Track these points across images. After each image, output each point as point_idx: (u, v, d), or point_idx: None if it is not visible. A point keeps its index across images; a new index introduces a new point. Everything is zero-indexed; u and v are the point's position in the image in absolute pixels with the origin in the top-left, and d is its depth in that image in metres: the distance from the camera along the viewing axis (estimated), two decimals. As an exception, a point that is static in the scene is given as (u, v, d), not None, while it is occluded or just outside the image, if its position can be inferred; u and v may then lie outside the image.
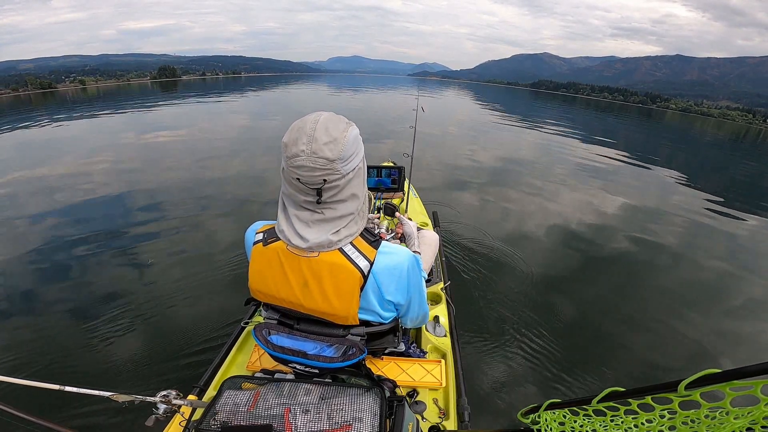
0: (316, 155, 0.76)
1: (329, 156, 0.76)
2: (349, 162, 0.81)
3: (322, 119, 0.79)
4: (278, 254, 0.87)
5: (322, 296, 0.86)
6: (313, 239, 0.83)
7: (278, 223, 0.89)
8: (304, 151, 0.76)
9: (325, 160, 0.76)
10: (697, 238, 4.88)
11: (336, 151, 0.77)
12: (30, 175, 6.30)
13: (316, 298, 0.87)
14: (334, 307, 0.87)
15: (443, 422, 1.24)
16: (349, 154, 0.80)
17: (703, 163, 12.92)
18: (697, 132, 31.19)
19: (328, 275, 0.85)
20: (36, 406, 1.81)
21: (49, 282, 3.13)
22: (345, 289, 0.86)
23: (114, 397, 0.95)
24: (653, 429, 0.63)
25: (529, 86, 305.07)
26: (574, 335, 2.66)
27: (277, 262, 0.87)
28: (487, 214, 4.91)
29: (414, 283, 0.96)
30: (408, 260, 0.92)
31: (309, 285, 0.86)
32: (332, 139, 0.77)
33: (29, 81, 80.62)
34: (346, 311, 0.88)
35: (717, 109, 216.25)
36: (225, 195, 5.21)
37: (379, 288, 0.89)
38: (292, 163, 0.78)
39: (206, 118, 14.78)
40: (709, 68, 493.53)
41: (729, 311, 3.25)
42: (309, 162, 0.76)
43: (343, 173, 0.80)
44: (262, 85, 46.59)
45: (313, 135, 0.76)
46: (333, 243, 0.84)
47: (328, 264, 0.84)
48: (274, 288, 0.90)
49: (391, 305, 0.94)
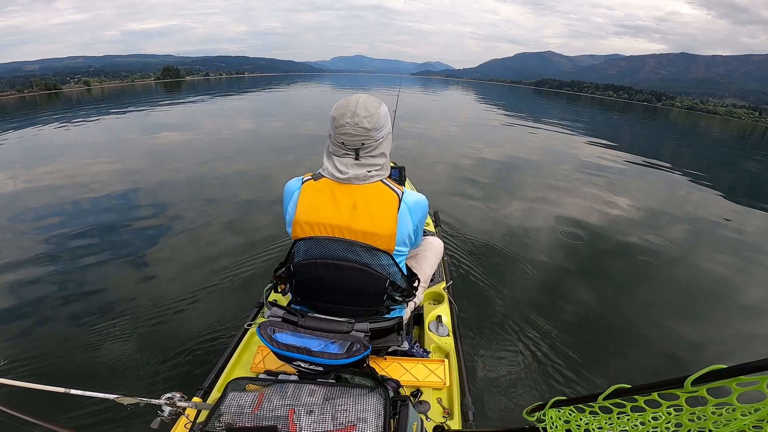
0: (358, 125, 1.02)
1: (367, 126, 1.03)
2: (381, 131, 1.07)
3: (362, 99, 1.05)
4: (330, 185, 1.07)
5: (369, 216, 1.04)
6: (352, 173, 1.06)
7: (323, 166, 1.11)
8: (348, 123, 1.02)
9: (364, 129, 1.03)
10: (703, 236, 4.85)
11: (372, 122, 1.03)
12: (34, 177, 6.33)
13: (364, 218, 1.04)
14: (378, 225, 1.04)
15: (447, 422, 1.24)
16: (381, 124, 1.06)
17: (709, 161, 12.82)
18: (702, 130, 30.97)
19: (373, 197, 1.06)
20: (41, 408, 1.82)
21: (54, 284, 3.12)
22: (387, 208, 1.06)
23: (119, 400, 0.96)
24: (659, 425, 0.63)
25: (533, 85, 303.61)
26: (579, 333, 2.65)
27: (329, 191, 1.07)
28: (490, 213, 4.90)
29: (424, 216, 1.18)
30: (426, 200, 1.17)
31: (357, 206, 1.05)
32: (369, 114, 1.03)
33: (35, 82, 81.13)
34: (388, 229, 1.05)
35: (723, 107, 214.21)
36: (231, 197, 5.21)
37: (410, 211, 1.09)
38: (339, 131, 1.04)
39: (211, 118, 14.83)
40: (715, 66, 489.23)
41: (736, 309, 3.22)
42: (352, 130, 1.03)
43: (376, 138, 1.06)
44: (266, 86, 46.64)
45: (355, 111, 1.02)
46: (368, 177, 1.07)
47: (374, 188, 1.07)
48: (324, 214, 1.05)
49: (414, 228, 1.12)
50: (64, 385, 0.98)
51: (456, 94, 46.04)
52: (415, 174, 5.65)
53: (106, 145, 8.93)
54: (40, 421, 0.91)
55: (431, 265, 1.57)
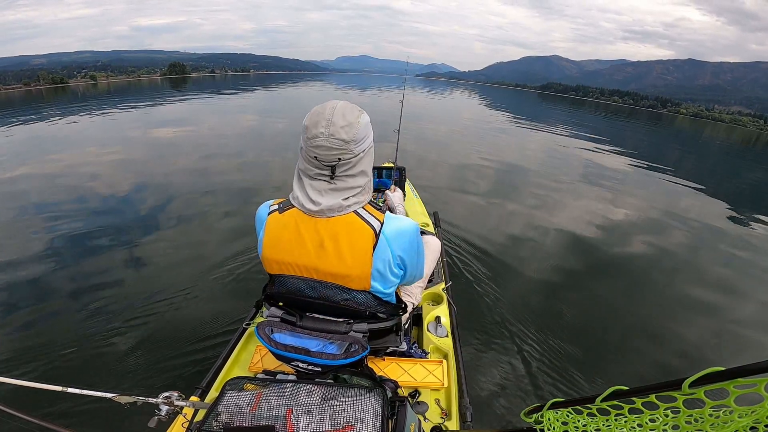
0: (334, 137, 0.86)
1: (345, 137, 0.87)
2: (361, 143, 0.91)
3: (339, 106, 0.89)
4: (294, 219, 0.94)
5: (338, 256, 0.92)
6: (325, 204, 0.91)
7: (293, 192, 0.96)
8: (323, 133, 0.86)
9: (341, 141, 0.87)
10: (701, 244, 4.84)
11: (350, 134, 0.88)
12: (36, 170, 6.36)
13: (332, 259, 0.92)
14: (348, 267, 0.92)
15: (445, 423, 1.24)
16: (361, 136, 0.90)
17: (712, 168, 12.77)
18: (707, 137, 30.84)
19: (343, 233, 0.92)
20: (38, 407, 1.82)
21: (51, 280, 3.10)
22: (359, 247, 0.92)
23: (116, 399, 0.95)
24: (657, 427, 0.63)
25: (538, 88, 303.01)
26: (577, 336, 2.65)
27: (294, 226, 0.94)
28: (490, 215, 4.90)
29: (416, 246, 1.03)
30: (413, 225, 1.01)
31: (325, 245, 0.92)
32: (348, 123, 0.87)
33: (41, 76, 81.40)
34: (360, 270, 0.93)
35: (728, 115, 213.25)
36: (231, 195, 5.21)
37: (390, 246, 0.95)
38: (311, 143, 0.88)
39: (214, 115, 14.88)
40: (722, 73, 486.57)
41: (734, 314, 3.21)
42: (327, 142, 0.87)
43: (356, 153, 0.90)
44: (271, 84, 46.72)
45: (331, 119, 0.87)
46: (343, 207, 0.92)
47: (343, 223, 0.92)
48: (289, 253, 0.95)
49: (399, 262, 0.99)
50: (61, 384, 0.98)
51: (458, 96, 45.99)
52: (415, 174, 5.66)
53: (108, 140, 8.96)
54: (37, 419, 0.91)
55: (429, 264, 1.55)
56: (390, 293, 1.03)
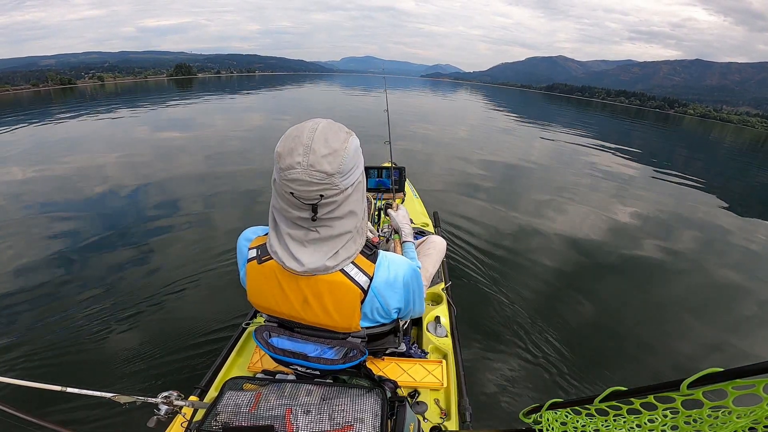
0: (314, 168, 0.69)
1: (328, 170, 0.69)
2: (348, 176, 0.74)
3: (320, 128, 0.72)
4: (275, 273, 0.84)
5: (323, 311, 0.85)
6: (309, 263, 0.78)
7: (270, 242, 0.83)
8: (300, 163, 0.69)
9: (323, 174, 0.69)
10: (707, 246, 4.78)
11: (335, 165, 0.70)
12: (36, 170, 6.38)
13: (317, 313, 0.86)
14: (335, 320, 0.87)
15: (445, 423, 1.24)
16: (349, 167, 0.73)
17: (720, 170, 12.62)
18: (715, 138, 30.52)
19: (327, 293, 0.83)
20: (37, 406, 1.83)
21: (51, 280, 3.09)
22: (346, 305, 0.84)
23: (116, 398, 0.95)
24: (656, 428, 0.63)
25: (543, 89, 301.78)
26: (577, 336, 2.63)
27: (275, 280, 0.84)
28: (490, 215, 4.86)
29: (413, 291, 0.95)
30: (406, 271, 0.90)
31: (309, 301, 0.84)
32: (332, 150, 0.70)
33: (49, 77, 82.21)
34: (347, 323, 0.87)
35: (737, 115, 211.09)
36: (234, 196, 5.22)
37: (379, 299, 0.87)
38: (286, 175, 0.70)
39: (221, 115, 14.92)
40: (730, 73, 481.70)
41: (736, 317, 3.20)
42: (305, 175, 0.69)
43: (342, 188, 0.73)
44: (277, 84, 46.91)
45: (310, 146, 0.69)
46: (329, 268, 0.80)
47: (327, 283, 0.82)
48: (274, 303, 0.88)
49: (391, 311, 0.93)
50: (61, 384, 0.98)
51: (464, 97, 45.91)
52: (416, 174, 5.66)
53: (115, 141, 9.02)
54: (37, 419, 0.91)
55: (433, 263, 1.55)
56: (388, 320, 0.98)
